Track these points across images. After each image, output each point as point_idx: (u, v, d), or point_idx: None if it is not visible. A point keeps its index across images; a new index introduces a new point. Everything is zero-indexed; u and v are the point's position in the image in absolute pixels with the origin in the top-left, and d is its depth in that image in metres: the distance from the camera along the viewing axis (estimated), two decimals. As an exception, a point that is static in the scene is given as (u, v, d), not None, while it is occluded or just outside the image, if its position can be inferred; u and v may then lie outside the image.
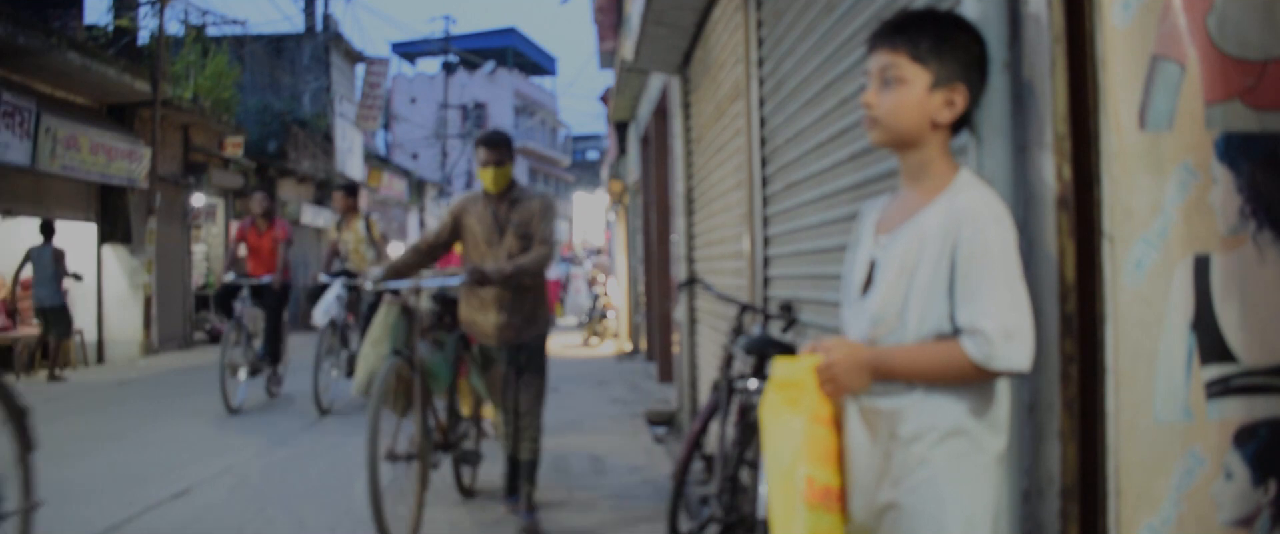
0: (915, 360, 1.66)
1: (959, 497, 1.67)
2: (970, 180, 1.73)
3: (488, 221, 4.62)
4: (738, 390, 3.75)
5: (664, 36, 6.54)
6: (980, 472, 1.69)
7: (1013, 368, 1.60)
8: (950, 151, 1.78)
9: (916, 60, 1.71)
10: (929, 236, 1.68)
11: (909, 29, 1.74)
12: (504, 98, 44.98)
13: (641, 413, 7.96)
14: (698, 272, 6.65)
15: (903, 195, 1.81)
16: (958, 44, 1.73)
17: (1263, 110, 1.72)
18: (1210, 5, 1.72)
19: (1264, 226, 1.71)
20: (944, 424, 1.67)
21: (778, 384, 1.80)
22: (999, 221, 1.64)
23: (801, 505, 1.70)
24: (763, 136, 4.48)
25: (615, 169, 16.40)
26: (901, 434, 1.69)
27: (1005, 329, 1.58)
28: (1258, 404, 1.71)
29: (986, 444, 1.70)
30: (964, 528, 1.67)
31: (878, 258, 1.77)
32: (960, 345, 1.62)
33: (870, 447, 1.72)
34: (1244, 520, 1.72)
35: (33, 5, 11.98)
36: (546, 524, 4.63)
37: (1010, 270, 1.62)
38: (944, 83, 1.71)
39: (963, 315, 1.62)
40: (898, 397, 1.69)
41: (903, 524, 1.69)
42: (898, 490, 1.69)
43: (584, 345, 15.93)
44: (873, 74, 1.76)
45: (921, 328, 1.67)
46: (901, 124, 1.73)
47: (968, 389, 1.68)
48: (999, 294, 1.60)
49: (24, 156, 10.85)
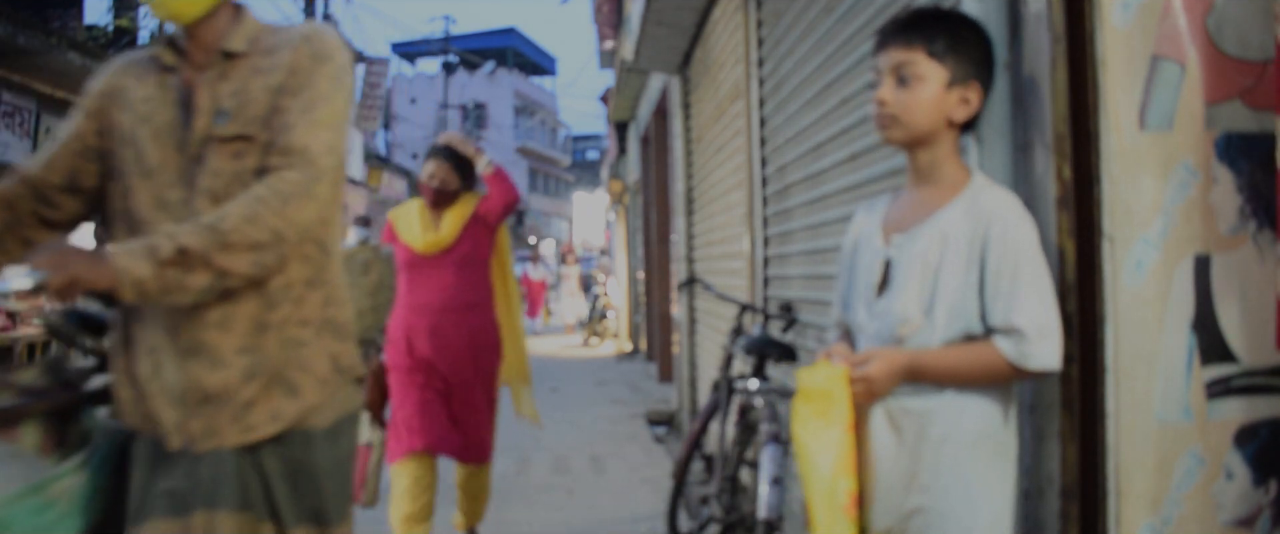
0: (949, 362, 1.66)
1: (989, 498, 1.68)
2: (988, 182, 1.75)
3: (166, 116, 1.83)
4: (737, 390, 3.75)
5: (664, 36, 6.54)
6: (1005, 473, 1.71)
7: (1046, 367, 1.63)
8: (959, 151, 1.78)
9: (933, 57, 1.71)
10: (952, 237, 1.68)
11: (924, 26, 1.73)
12: (504, 98, 44.96)
13: (641, 413, 7.97)
14: (698, 272, 6.65)
15: (910, 196, 1.80)
16: (971, 41, 1.73)
17: (1263, 110, 1.71)
18: (1210, 5, 1.72)
19: (1264, 226, 1.71)
20: (975, 426, 1.68)
21: (805, 394, 1.77)
22: (1025, 221, 1.66)
23: (845, 520, 1.70)
24: (763, 136, 4.48)
25: (615, 169, 16.40)
26: (932, 435, 1.68)
27: (1040, 327, 1.61)
28: (1258, 404, 1.71)
29: (1009, 445, 1.72)
30: (991, 529, 1.68)
31: (894, 258, 1.76)
32: (994, 345, 1.62)
33: (897, 449, 1.71)
34: (1245, 521, 1.71)
35: (33, 5, 11.97)
36: (546, 524, 4.63)
37: (1040, 269, 1.64)
38: (960, 81, 1.71)
39: (996, 315, 1.63)
40: (929, 397, 1.69)
41: (933, 526, 1.68)
42: (928, 493, 1.68)
43: (584, 345, 15.93)
44: (885, 71, 1.74)
45: (950, 328, 1.67)
46: (919, 122, 1.72)
47: (996, 391, 1.69)
48: (1032, 293, 1.62)
49: (24, 156, 10.85)
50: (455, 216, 3.93)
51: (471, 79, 44.33)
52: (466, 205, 3.96)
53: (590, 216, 29.36)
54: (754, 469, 3.47)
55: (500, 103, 44.73)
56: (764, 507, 3.09)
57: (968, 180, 1.74)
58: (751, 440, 3.60)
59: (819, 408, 1.74)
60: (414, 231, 3.93)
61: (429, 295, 3.85)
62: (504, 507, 4.92)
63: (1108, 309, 1.73)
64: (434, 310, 3.84)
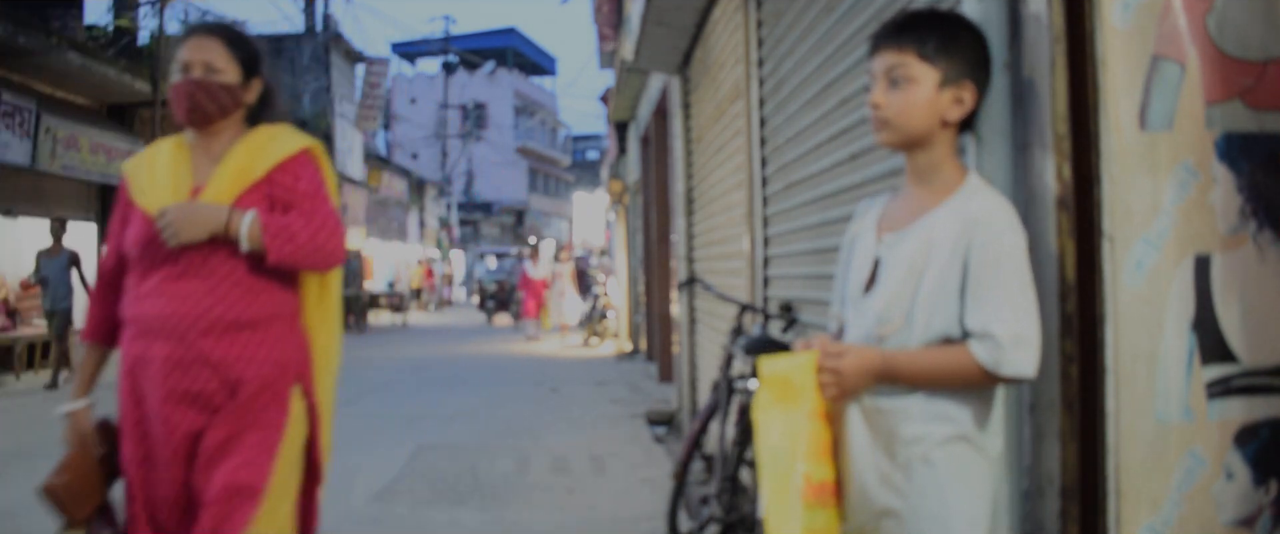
0: (923, 364, 1.66)
1: (962, 498, 1.67)
2: (981, 185, 1.73)
3: None
4: (738, 390, 3.75)
5: (664, 36, 6.54)
6: (982, 474, 1.69)
7: (1019, 374, 1.61)
8: (957, 152, 1.78)
9: (924, 58, 1.70)
10: (939, 240, 1.68)
11: (915, 28, 1.73)
12: (504, 98, 44.98)
13: (641, 413, 7.97)
14: (698, 272, 6.65)
15: (908, 195, 1.80)
16: (963, 42, 1.73)
17: (1263, 110, 1.71)
18: (1210, 5, 1.72)
19: (1264, 226, 1.71)
20: (947, 427, 1.67)
21: (769, 380, 1.78)
22: (1012, 229, 1.65)
23: (799, 504, 1.70)
24: (763, 136, 4.48)
25: (615, 169, 16.40)
26: (903, 435, 1.68)
27: (1016, 336, 1.59)
28: (1258, 404, 1.71)
29: (987, 447, 1.70)
30: (967, 529, 1.67)
31: (883, 257, 1.76)
32: (968, 350, 1.62)
33: (871, 446, 1.72)
34: (1245, 521, 1.71)
35: (33, 5, 11.97)
36: (546, 524, 4.63)
37: (1022, 278, 1.63)
38: (952, 81, 1.71)
39: (973, 319, 1.62)
40: (901, 397, 1.69)
41: (907, 527, 1.68)
42: (900, 493, 1.69)
43: (584, 345, 15.93)
44: (878, 74, 1.75)
45: (928, 330, 1.67)
46: (912, 124, 1.72)
47: (970, 393, 1.68)
48: (1011, 301, 1.61)
49: (24, 157, 10.85)
50: (238, 163, 2.31)
51: (471, 79, 44.34)
52: (262, 147, 2.34)
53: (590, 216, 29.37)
54: (754, 469, 3.47)
55: (500, 103, 44.74)
56: (764, 507, 3.09)
57: (962, 182, 1.74)
58: (751, 440, 3.60)
59: (780, 394, 1.74)
60: (159, 185, 2.31)
61: (173, 305, 2.22)
62: (504, 507, 4.93)
63: (1108, 309, 1.73)
64: (182, 331, 2.22)
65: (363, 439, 6.80)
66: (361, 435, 6.96)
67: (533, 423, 7.66)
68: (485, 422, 7.76)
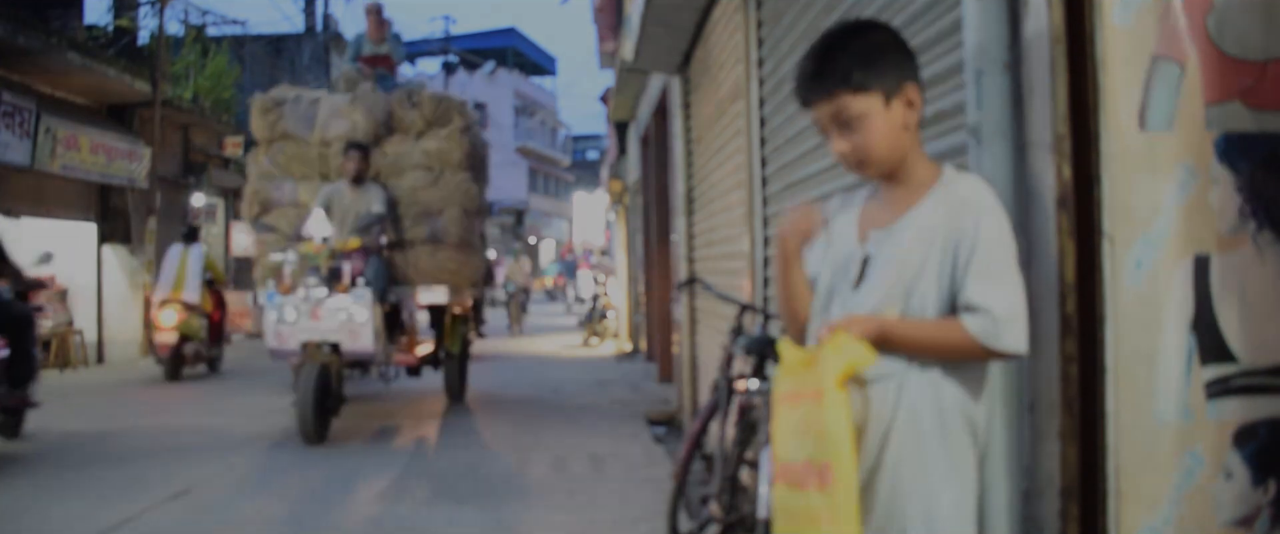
0: (919, 333, 1.70)
1: (949, 478, 1.71)
2: (958, 173, 1.78)
3: None
4: (738, 390, 3.75)
5: (664, 36, 6.54)
6: (970, 456, 1.74)
7: (1013, 349, 1.65)
8: (921, 146, 1.81)
9: (858, 90, 1.72)
10: (929, 231, 1.71)
11: (832, 68, 1.74)
12: (504, 98, 44.96)
13: (641, 413, 7.97)
14: (698, 271, 6.65)
15: (885, 194, 1.83)
16: (877, 48, 1.75)
17: (1262, 110, 1.71)
18: (1210, 5, 1.72)
19: (1264, 227, 1.71)
20: (940, 406, 1.71)
21: (788, 368, 1.80)
22: (997, 208, 1.70)
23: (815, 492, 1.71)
24: (763, 136, 4.48)
25: (615, 169, 16.40)
26: (899, 415, 1.71)
27: (1009, 310, 1.63)
28: (1257, 404, 1.71)
29: (978, 430, 1.74)
30: (952, 509, 1.71)
31: (872, 254, 1.79)
32: (961, 323, 1.64)
33: (865, 424, 1.73)
34: (1244, 521, 1.71)
35: (33, 5, 11.97)
36: (546, 524, 4.63)
37: (1010, 254, 1.68)
38: (893, 91, 1.73)
39: (969, 294, 1.65)
40: (895, 378, 1.71)
41: (896, 503, 1.71)
42: (890, 469, 1.71)
43: (584, 345, 15.92)
44: (826, 124, 1.77)
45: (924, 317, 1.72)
46: (885, 153, 1.75)
47: (966, 375, 1.71)
48: (1004, 277, 1.65)
49: (24, 157, 10.85)
50: None
51: (471, 79, 44.30)
52: None
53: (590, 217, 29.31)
54: (754, 469, 3.47)
55: (500, 103, 44.72)
56: (764, 507, 3.09)
57: (938, 174, 1.77)
58: (751, 440, 3.60)
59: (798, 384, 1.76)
60: None
61: None
62: (504, 507, 4.93)
63: (1108, 309, 1.73)
64: None
65: (363, 439, 6.81)
66: (362, 435, 6.96)
67: (533, 423, 7.67)
68: (486, 423, 7.80)
